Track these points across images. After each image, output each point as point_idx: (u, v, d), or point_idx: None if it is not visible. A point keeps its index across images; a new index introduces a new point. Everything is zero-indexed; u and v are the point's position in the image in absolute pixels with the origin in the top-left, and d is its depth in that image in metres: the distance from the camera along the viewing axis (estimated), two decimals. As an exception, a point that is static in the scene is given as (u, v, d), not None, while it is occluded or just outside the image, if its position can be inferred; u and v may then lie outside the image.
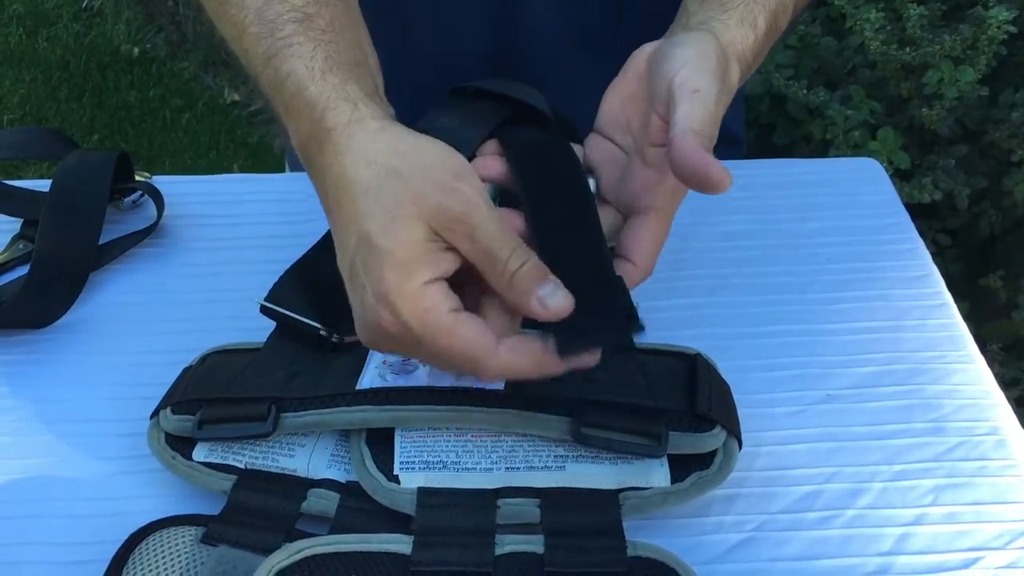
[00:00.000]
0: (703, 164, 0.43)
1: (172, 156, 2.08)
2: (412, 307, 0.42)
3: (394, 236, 0.42)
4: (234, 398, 0.52)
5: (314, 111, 0.46)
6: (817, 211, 0.70)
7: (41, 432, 0.56)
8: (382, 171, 0.43)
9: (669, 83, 0.46)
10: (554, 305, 0.42)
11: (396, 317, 0.42)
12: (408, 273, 0.42)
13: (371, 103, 0.46)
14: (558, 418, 0.49)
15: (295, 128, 0.48)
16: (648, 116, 0.48)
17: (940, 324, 0.61)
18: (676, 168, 0.44)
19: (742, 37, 0.51)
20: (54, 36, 2.39)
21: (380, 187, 0.43)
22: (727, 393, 0.52)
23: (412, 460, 0.49)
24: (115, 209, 0.71)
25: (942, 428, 0.55)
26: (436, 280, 0.42)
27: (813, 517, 0.50)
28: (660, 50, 0.49)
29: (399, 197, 0.42)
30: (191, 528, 0.48)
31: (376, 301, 0.42)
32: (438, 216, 0.42)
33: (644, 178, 0.49)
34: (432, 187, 0.42)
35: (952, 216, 1.37)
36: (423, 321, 0.42)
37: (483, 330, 0.43)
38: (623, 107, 0.51)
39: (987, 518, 0.50)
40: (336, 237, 0.46)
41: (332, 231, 0.46)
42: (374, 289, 0.42)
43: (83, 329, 0.63)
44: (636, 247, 0.48)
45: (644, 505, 0.48)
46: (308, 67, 0.47)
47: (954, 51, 1.26)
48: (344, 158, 0.44)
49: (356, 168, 0.43)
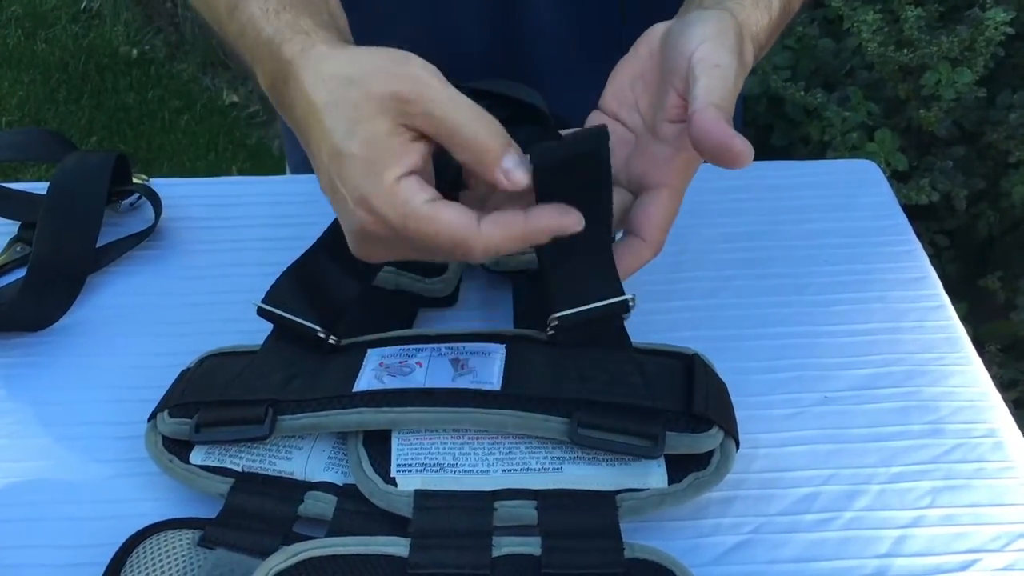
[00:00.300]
0: (727, 136, 0.43)
1: (171, 158, 2.08)
2: (389, 203, 0.43)
3: (358, 139, 0.43)
4: (231, 401, 0.52)
5: (272, 47, 0.48)
6: (815, 213, 0.70)
7: (38, 435, 0.56)
8: (337, 84, 0.44)
9: (688, 58, 0.46)
10: (516, 178, 0.44)
11: (376, 216, 0.44)
12: (378, 172, 0.43)
13: (323, 31, 0.48)
14: (555, 419, 0.49)
15: (261, 71, 0.50)
16: (661, 94, 0.49)
17: (937, 326, 0.61)
18: (698, 142, 0.44)
19: (757, 18, 0.51)
20: (53, 38, 2.39)
21: (338, 99, 0.44)
22: (724, 393, 0.52)
23: (409, 462, 0.49)
24: (113, 211, 0.71)
25: (940, 430, 0.55)
26: (408, 174, 0.44)
27: (811, 519, 0.50)
28: (676, 28, 0.49)
29: (356, 101, 0.44)
30: (188, 531, 0.48)
31: (356, 206, 0.44)
32: (393, 104, 0.43)
33: (655, 155, 0.49)
34: (383, 79, 0.44)
35: (950, 217, 1.37)
36: (402, 214, 0.43)
37: (462, 211, 0.44)
38: (632, 86, 0.51)
39: (985, 520, 0.50)
40: (314, 163, 0.47)
41: (310, 159, 0.47)
42: (352, 196, 0.44)
43: (80, 332, 0.63)
44: (646, 223, 0.49)
45: (641, 506, 0.48)
46: (263, 9, 0.49)
47: (952, 52, 1.26)
48: (304, 84, 0.45)
49: (316, 90, 0.45)
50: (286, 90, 0.47)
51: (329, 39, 0.47)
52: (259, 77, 0.50)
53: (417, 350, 0.53)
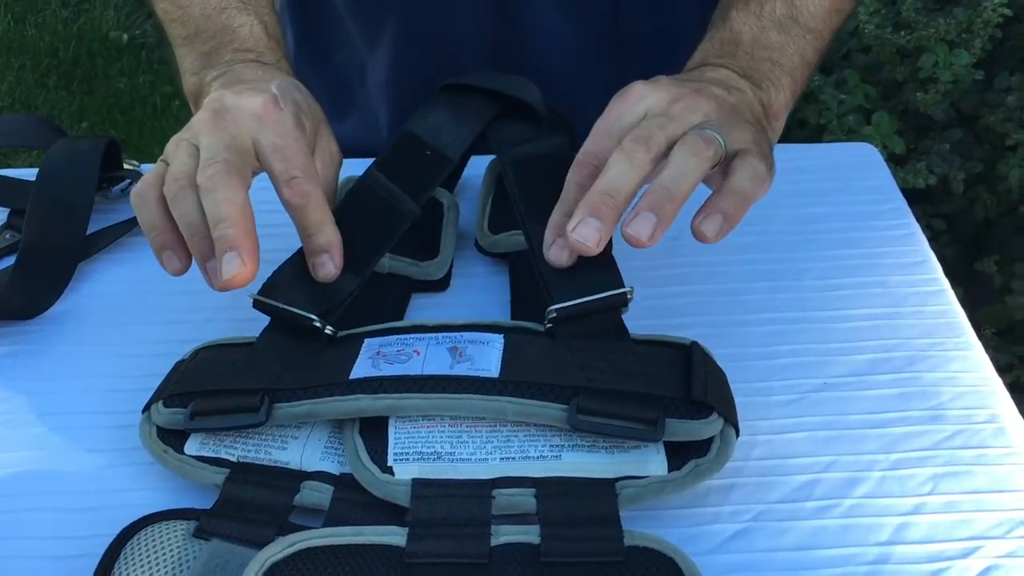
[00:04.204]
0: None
1: (162, 143, 2.03)
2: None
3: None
4: (226, 389, 0.51)
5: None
6: (813, 197, 0.69)
7: (30, 424, 0.55)
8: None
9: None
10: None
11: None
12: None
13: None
14: (554, 406, 0.48)
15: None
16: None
17: (938, 311, 0.61)
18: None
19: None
20: (43, 23, 2.37)
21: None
22: (724, 381, 0.52)
23: (406, 451, 0.49)
24: (103, 198, 0.70)
25: (940, 416, 0.54)
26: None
27: (811, 506, 0.50)
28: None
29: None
30: (183, 522, 0.47)
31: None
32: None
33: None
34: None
35: (947, 201, 1.37)
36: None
37: (240, 195, 0.51)
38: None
39: (986, 507, 0.49)
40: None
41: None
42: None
43: (71, 320, 0.62)
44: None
45: (641, 494, 0.47)
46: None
47: (949, 35, 1.26)
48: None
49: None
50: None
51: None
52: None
53: (415, 339, 0.52)
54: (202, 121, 0.52)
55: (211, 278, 0.50)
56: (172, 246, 0.51)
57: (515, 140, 0.61)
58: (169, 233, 0.51)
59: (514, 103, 0.63)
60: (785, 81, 0.58)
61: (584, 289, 0.52)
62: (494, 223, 0.64)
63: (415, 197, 0.59)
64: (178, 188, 0.50)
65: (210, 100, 0.54)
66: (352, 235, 0.55)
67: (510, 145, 0.61)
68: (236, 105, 0.53)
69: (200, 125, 0.52)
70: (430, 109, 0.63)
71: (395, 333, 0.54)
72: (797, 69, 0.59)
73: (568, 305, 0.51)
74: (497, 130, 0.63)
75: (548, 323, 0.52)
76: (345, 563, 0.44)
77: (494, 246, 0.64)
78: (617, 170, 0.48)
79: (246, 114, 0.52)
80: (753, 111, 0.55)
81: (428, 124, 0.62)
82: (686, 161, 0.48)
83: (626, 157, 0.48)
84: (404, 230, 0.58)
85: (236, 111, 0.52)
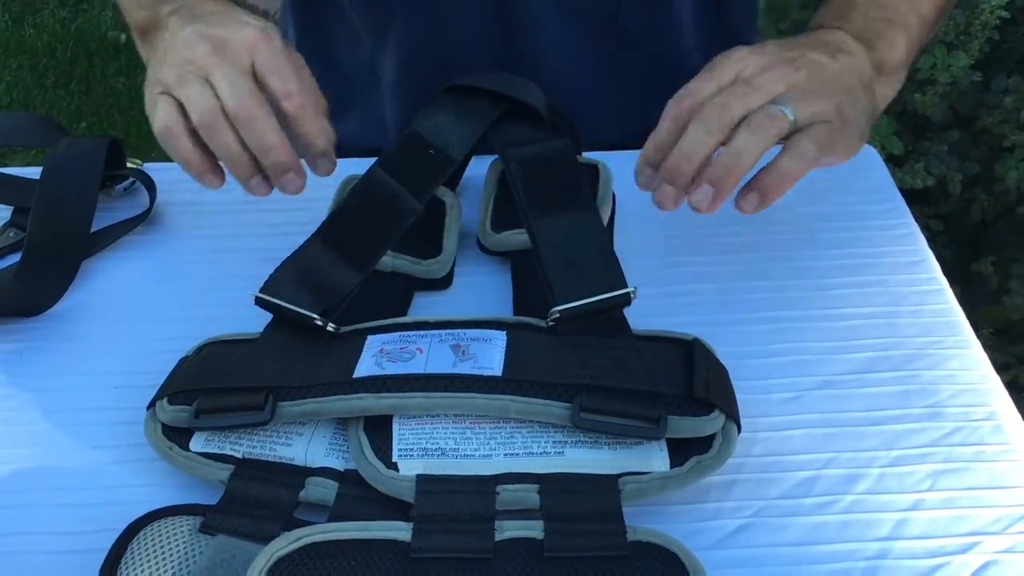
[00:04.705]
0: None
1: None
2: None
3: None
4: (231, 388, 0.51)
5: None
6: (813, 197, 0.70)
7: (35, 421, 0.56)
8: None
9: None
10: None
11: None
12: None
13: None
14: (557, 404, 0.48)
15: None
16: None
17: (936, 309, 0.61)
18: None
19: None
20: (40, 23, 2.37)
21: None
22: (725, 377, 0.52)
23: (411, 447, 0.49)
24: (107, 196, 0.71)
25: (939, 413, 0.55)
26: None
27: (811, 503, 0.50)
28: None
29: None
30: (189, 518, 0.48)
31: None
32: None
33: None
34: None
35: (944, 202, 1.37)
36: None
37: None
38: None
39: (985, 503, 0.50)
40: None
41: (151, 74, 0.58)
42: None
43: (76, 317, 0.62)
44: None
45: (644, 490, 0.48)
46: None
47: (947, 36, 1.26)
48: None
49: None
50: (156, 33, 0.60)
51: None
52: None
53: (418, 336, 0.53)
54: (204, 55, 0.56)
55: (254, 190, 0.57)
56: (210, 170, 0.57)
57: (518, 141, 0.62)
58: (205, 160, 0.57)
59: (517, 105, 0.63)
60: (900, 38, 0.61)
61: (587, 289, 0.52)
62: (496, 222, 0.65)
63: (417, 196, 0.59)
64: (211, 119, 0.55)
65: (192, 32, 0.57)
66: (354, 232, 0.56)
67: (514, 146, 0.61)
68: (234, 38, 0.57)
69: (204, 59, 0.56)
70: (434, 109, 0.63)
71: (398, 329, 0.54)
72: (913, 25, 0.62)
73: (571, 307, 0.52)
74: (500, 131, 0.63)
75: (551, 321, 0.53)
76: (351, 558, 0.44)
77: (496, 245, 0.64)
78: (691, 139, 0.52)
79: (243, 46, 0.56)
80: (861, 75, 0.57)
81: (432, 124, 0.62)
82: (748, 139, 0.52)
83: (703, 124, 0.52)
84: (406, 228, 0.59)
85: (235, 43, 0.56)
